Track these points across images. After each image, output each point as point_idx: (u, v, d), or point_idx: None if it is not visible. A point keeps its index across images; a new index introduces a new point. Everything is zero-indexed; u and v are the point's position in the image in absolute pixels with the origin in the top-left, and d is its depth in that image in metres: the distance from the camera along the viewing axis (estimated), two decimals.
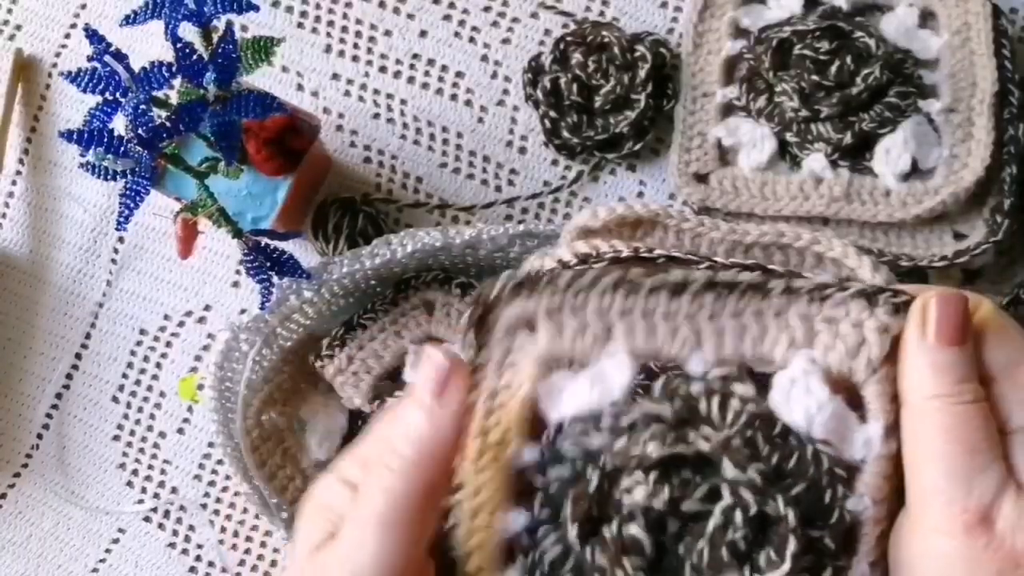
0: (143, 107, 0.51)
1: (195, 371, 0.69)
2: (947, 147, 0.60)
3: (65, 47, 0.72)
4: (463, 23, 0.69)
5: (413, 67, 0.69)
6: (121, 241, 0.70)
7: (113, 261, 0.70)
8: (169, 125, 0.51)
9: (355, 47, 0.70)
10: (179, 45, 0.51)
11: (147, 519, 0.69)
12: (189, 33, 0.52)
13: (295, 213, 0.66)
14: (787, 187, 0.62)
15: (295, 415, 0.64)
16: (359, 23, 0.70)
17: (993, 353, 0.35)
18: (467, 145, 0.69)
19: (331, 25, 0.70)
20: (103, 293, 0.70)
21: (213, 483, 0.69)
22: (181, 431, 0.69)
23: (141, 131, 0.51)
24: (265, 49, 0.54)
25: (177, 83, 0.52)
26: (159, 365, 0.70)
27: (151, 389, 0.70)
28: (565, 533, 0.35)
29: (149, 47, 0.69)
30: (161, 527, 0.69)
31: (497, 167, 0.68)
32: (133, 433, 0.69)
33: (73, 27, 0.72)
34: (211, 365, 0.60)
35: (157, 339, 0.70)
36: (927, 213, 0.59)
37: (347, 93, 0.70)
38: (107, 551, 0.69)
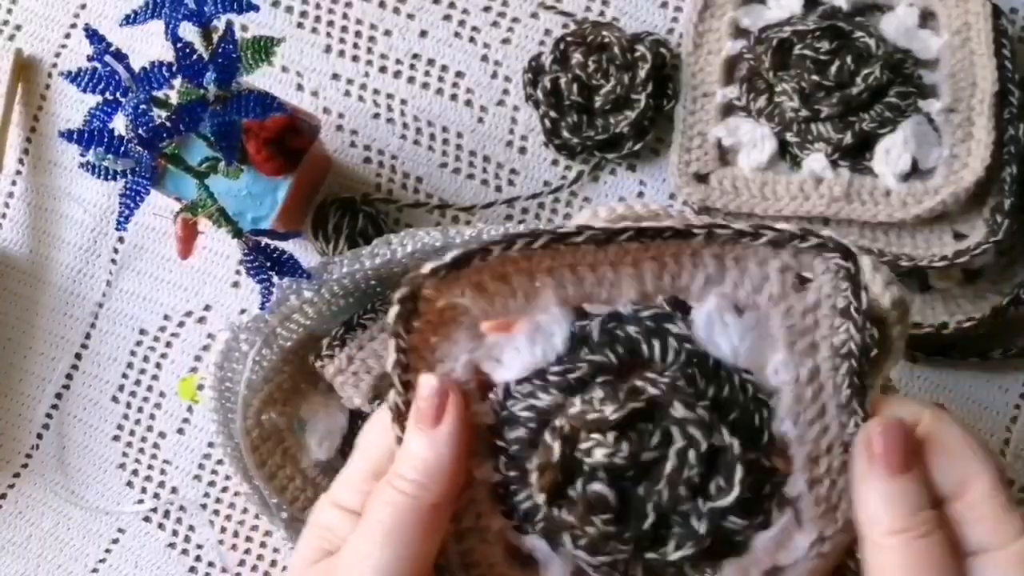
0: (143, 107, 0.51)
1: (195, 371, 0.69)
2: (947, 147, 0.60)
3: (65, 47, 0.72)
4: (463, 23, 0.69)
5: (413, 67, 0.69)
6: (121, 241, 0.70)
7: (113, 261, 0.70)
8: (169, 125, 0.51)
9: (355, 47, 0.70)
10: (179, 45, 0.51)
11: (147, 519, 0.69)
12: (189, 33, 0.52)
13: (295, 213, 0.66)
14: (787, 187, 0.62)
15: (295, 415, 0.63)
16: (359, 23, 0.70)
17: (941, 474, 0.35)
18: (467, 145, 0.69)
19: (331, 25, 0.70)
20: (103, 293, 0.70)
21: (213, 483, 0.69)
22: (181, 431, 0.69)
23: (141, 131, 0.51)
24: (265, 49, 0.54)
25: (177, 83, 0.52)
26: (159, 365, 0.70)
27: (151, 389, 0.70)
28: (533, 495, 0.36)
29: (149, 47, 0.69)
30: (161, 527, 0.69)
31: (497, 167, 0.68)
32: (133, 433, 0.69)
33: (73, 27, 0.72)
34: (211, 365, 0.60)
35: (157, 339, 0.70)
36: (927, 213, 0.59)
37: (347, 93, 0.70)
38: (107, 551, 0.69)
